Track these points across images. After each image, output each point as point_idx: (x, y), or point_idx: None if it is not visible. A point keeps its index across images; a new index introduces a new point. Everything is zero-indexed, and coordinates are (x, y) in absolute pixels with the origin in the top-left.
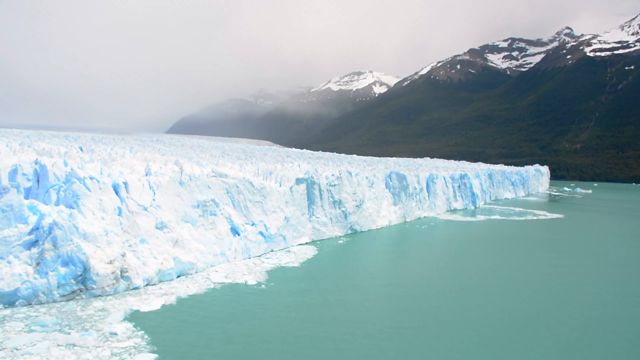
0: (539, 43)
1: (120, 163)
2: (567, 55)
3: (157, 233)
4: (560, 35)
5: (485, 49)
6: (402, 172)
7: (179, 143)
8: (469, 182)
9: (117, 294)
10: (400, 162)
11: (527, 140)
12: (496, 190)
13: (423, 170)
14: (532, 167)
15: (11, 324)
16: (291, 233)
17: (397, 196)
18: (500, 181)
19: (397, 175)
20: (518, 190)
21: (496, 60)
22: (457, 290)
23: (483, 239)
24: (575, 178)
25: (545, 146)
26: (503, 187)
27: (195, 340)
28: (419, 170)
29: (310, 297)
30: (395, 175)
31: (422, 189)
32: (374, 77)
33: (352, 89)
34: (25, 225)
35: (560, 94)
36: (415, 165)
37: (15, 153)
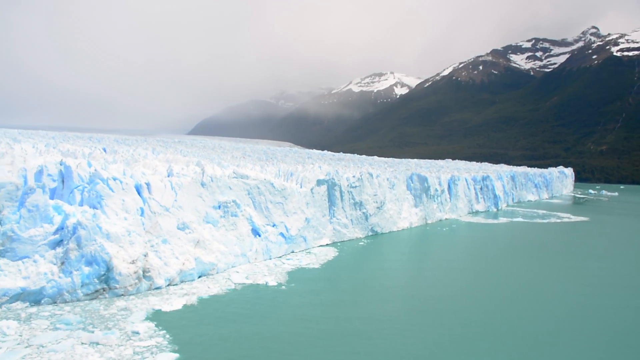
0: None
1: (143, 164)
2: (593, 55)
3: (178, 233)
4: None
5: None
6: (423, 174)
7: (201, 144)
8: (491, 184)
9: (140, 294)
10: (422, 163)
11: (551, 141)
12: (519, 193)
13: (444, 172)
14: (555, 169)
15: (37, 322)
16: (312, 234)
17: (418, 198)
18: (523, 183)
19: (419, 177)
20: (541, 193)
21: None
22: (477, 295)
23: (505, 242)
24: (600, 180)
25: (570, 148)
26: (526, 189)
27: (216, 340)
28: (440, 172)
29: (330, 299)
30: (417, 176)
31: (443, 191)
32: (395, 78)
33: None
34: (51, 225)
35: (585, 94)
36: (436, 167)
37: (41, 154)
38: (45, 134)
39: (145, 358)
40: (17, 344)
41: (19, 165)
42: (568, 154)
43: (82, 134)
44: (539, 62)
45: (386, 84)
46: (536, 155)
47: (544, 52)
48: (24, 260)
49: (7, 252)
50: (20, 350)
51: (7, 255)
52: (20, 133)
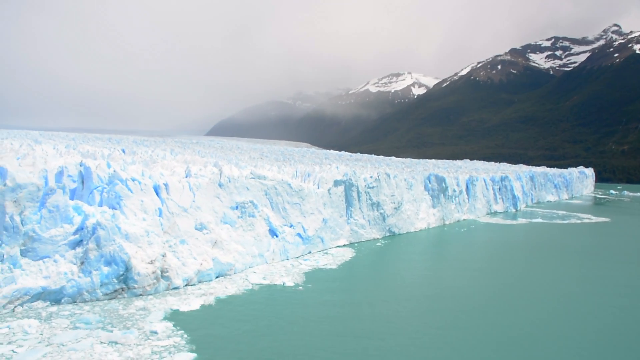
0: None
1: (161, 165)
2: (615, 53)
3: (196, 234)
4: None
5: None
6: (441, 174)
7: (218, 145)
8: (510, 185)
9: (158, 294)
10: (439, 164)
11: (571, 141)
12: (538, 193)
13: (462, 173)
14: (576, 169)
15: (57, 321)
16: (329, 235)
17: (436, 198)
18: (542, 183)
19: (436, 178)
20: (561, 193)
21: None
22: (495, 299)
23: (525, 243)
24: (622, 180)
25: (590, 148)
26: (545, 190)
27: (233, 340)
28: (458, 172)
29: (347, 300)
30: (434, 177)
31: (461, 192)
32: (412, 78)
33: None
34: (71, 225)
35: (606, 93)
36: (454, 167)
37: (62, 155)
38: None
39: (164, 358)
40: (38, 342)
41: (40, 167)
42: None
43: (101, 135)
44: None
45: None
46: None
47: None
48: (45, 259)
49: (28, 251)
50: (41, 348)
51: (28, 255)
52: (41, 134)
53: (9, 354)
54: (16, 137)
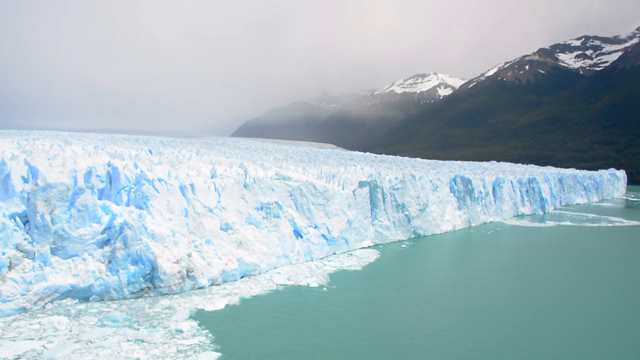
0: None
1: (187, 165)
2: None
3: (221, 234)
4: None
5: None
6: (467, 176)
7: (244, 146)
8: (538, 187)
9: (183, 293)
10: (465, 165)
11: (602, 143)
12: (567, 196)
13: (489, 174)
14: (606, 171)
15: (86, 318)
16: (354, 236)
17: (462, 200)
18: (571, 186)
19: (462, 179)
20: (591, 196)
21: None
22: (520, 304)
23: (553, 247)
24: None
25: (622, 149)
26: (574, 192)
27: (257, 340)
28: (484, 174)
29: (372, 302)
30: (460, 179)
31: (487, 193)
32: (438, 79)
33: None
34: (99, 224)
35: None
36: (480, 169)
37: (90, 156)
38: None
39: (189, 356)
40: (67, 339)
41: (70, 167)
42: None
43: (129, 136)
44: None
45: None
46: (585, 157)
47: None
48: (74, 258)
49: (58, 250)
50: (70, 345)
51: (58, 253)
52: (71, 135)
53: (40, 349)
54: (47, 138)
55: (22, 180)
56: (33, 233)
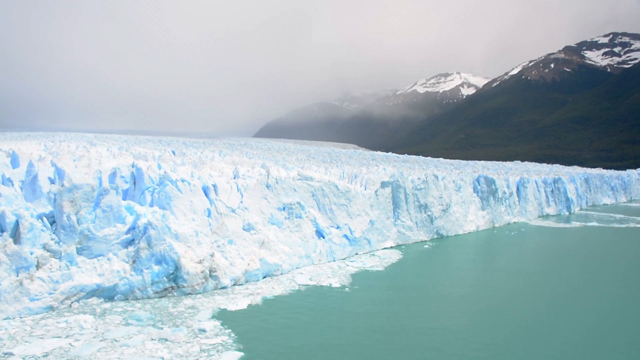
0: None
1: (210, 166)
2: None
3: (244, 234)
4: None
5: (583, 46)
6: (490, 176)
7: (266, 146)
8: (563, 187)
9: (206, 293)
10: (489, 165)
11: (630, 142)
12: (593, 196)
13: (513, 174)
14: (635, 171)
15: (111, 317)
16: (376, 237)
17: (486, 200)
18: (598, 186)
19: (486, 179)
20: (619, 196)
21: (595, 57)
22: (546, 307)
23: (579, 248)
24: None
25: None
26: (601, 192)
27: (280, 340)
28: (508, 174)
29: (394, 303)
30: (484, 179)
31: (512, 194)
32: (461, 78)
33: (438, 91)
34: (123, 224)
35: None
36: (504, 169)
37: (115, 157)
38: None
39: (212, 355)
40: (93, 337)
41: (95, 168)
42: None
43: (152, 137)
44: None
45: (452, 85)
46: (613, 157)
47: (622, 47)
48: (99, 258)
49: (83, 250)
50: (96, 343)
51: (83, 253)
52: (96, 137)
53: (67, 347)
54: (72, 140)
55: (49, 181)
56: (60, 233)
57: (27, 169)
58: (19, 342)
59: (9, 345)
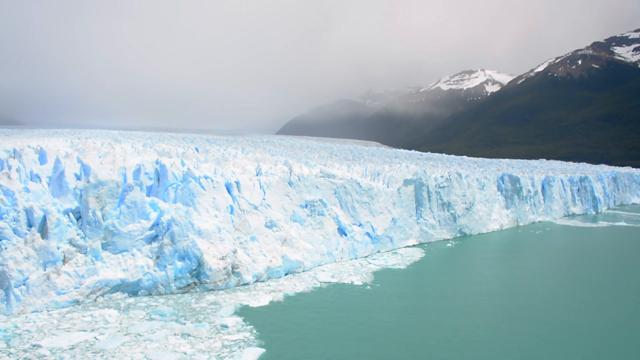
0: None
1: (233, 163)
2: None
3: (266, 231)
4: None
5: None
6: (515, 174)
7: (288, 144)
8: (590, 186)
9: (228, 289)
10: (514, 163)
11: None
12: (622, 195)
13: (538, 173)
14: None
15: (135, 312)
16: (398, 235)
17: (510, 199)
18: (626, 185)
19: (510, 178)
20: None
21: (625, 53)
22: (570, 308)
23: (606, 248)
24: None
25: None
26: (630, 192)
27: (301, 337)
28: (533, 172)
29: (415, 301)
30: (508, 177)
31: (536, 192)
32: (485, 75)
33: (462, 88)
34: (147, 220)
35: None
36: (529, 167)
37: (139, 154)
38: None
39: (233, 351)
40: (117, 331)
41: (120, 164)
42: None
43: (176, 134)
44: None
45: (476, 82)
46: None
47: None
48: (123, 253)
49: (108, 245)
50: (120, 337)
51: (108, 248)
52: (121, 134)
53: (92, 340)
54: (98, 137)
55: (75, 177)
56: (85, 228)
57: (54, 166)
58: (46, 335)
59: (37, 338)
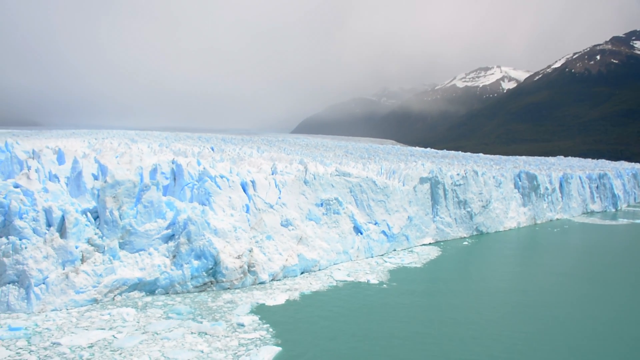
0: None
1: (248, 162)
2: None
3: (282, 230)
4: None
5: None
6: (532, 172)
7: (304, 143)
8: (609, 183)
9: (244, 288)
10: (531, 161)
11: None
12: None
13: (556, 170)
14: None
15: (152, 311)
16: (414, 233)
17: (527, 197)
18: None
19: (527, 175)
20: None
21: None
22: (590, 306)
23: (626, 247)
24: None
25: None
26: None
27: (317, 336)
28: (551, 169)
29: (432, 299)
30: (525, 174)
31: (554, 190)
32: (502, 72)
33: (478, 85)
34: (164, 220)
35: None
36: (547, 165)
37: (155, 153)
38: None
39: (250, 350)
40: (135, 329)
41: (136, 164)
42: None
43: (192, 134)
44: None
45: (492, 79)
46: None
47: None
48: (141, 252)
49: (126, 244)
50: (138, 335)
51: (126, 247)
52: (137, 134)
53: (110, 338)
54: (115, 137)
55: (92, 177)
56: (103, 228)
57: (72, 166)
58: (65, 333)
59: (56, 336)
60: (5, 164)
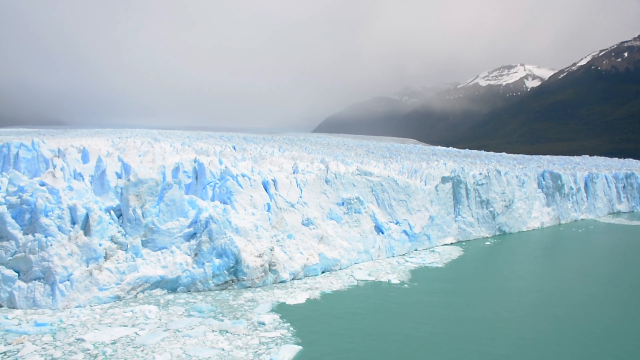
0: None
1: (270, 161)
2: None
3: (303, 229)
4: None
5: None
6: (556, 171)
7: (325, 142)
8: (637, 182)
9: (265, 286)
10: (555, 160)
11: None
12: None
13: (581, 169)
14: None
15: (174, 308)
16: (436, 233)
17: (551, 196)
18: None
19: (551, 174)
20: None
21: None
22: (613, 308)
23: None
24: None
25: None
26: None
27: (338, 335)
28: (575, 169)
29: (453, 299)
30: (549, 174)
31: (579, 189)
32: (525, 70)
33: (501, 83)
34: (186, 218)
35: None
36: (571, 164)
37: (178, 152)
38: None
39: (270, 348)
40: (157, 327)
41: (159, 163)
42: None
43: (214, 133)
44: None
45: (516, 77)
46: None
47: None
48: (163, 250)
49: (148, 242)
50: (160, 333)
51: (148, 245)
52: (160, 133)
53: (132, 335)
54: (138, 136)
55: (116, 176)
56: (126, 226)
57: (96, 164)
58: (89, 329)
59: (80, 332)
60: (32, 162)
